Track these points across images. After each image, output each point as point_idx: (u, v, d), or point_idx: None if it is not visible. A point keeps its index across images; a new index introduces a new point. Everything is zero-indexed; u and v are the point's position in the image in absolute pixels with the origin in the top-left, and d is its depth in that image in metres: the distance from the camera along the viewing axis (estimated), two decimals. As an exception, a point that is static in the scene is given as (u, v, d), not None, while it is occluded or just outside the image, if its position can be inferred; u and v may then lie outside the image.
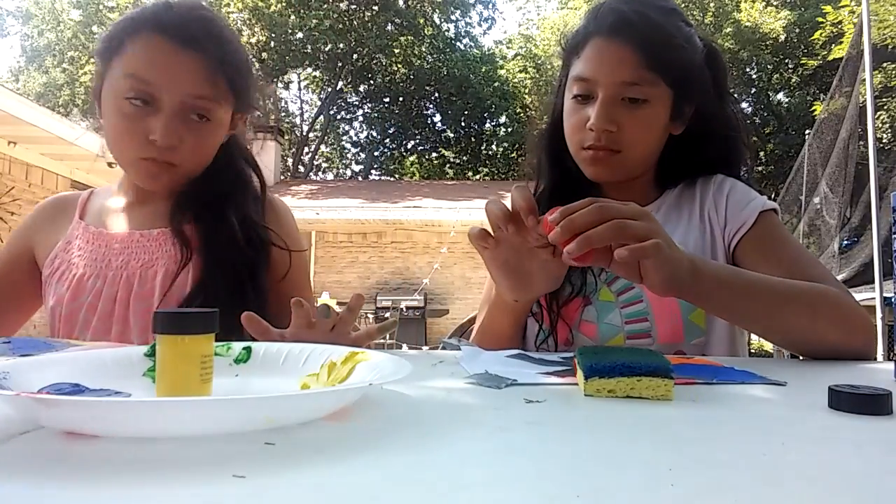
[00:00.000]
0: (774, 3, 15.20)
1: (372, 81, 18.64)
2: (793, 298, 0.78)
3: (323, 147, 20.57)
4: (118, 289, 0.98)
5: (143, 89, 0.93)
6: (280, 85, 19.09)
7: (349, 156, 21.59)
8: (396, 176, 19.70)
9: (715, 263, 0.82)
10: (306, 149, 19.74)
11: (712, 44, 1.04)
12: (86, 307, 0.98)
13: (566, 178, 1.03)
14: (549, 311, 0.97)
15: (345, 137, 21.10)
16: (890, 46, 8.96)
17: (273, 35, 16.32)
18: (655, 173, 1.06)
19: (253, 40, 16.72)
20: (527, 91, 18.70)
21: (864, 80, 5.34)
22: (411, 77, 18.49)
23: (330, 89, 18.74)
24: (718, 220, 0.98)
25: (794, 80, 15.66)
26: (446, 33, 19.25)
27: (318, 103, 19.62)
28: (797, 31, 14.65)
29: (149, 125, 0.93)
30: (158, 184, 0.99)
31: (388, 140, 20.33)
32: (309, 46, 16.68)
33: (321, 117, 19.47)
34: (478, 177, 19.38)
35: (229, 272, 0.96)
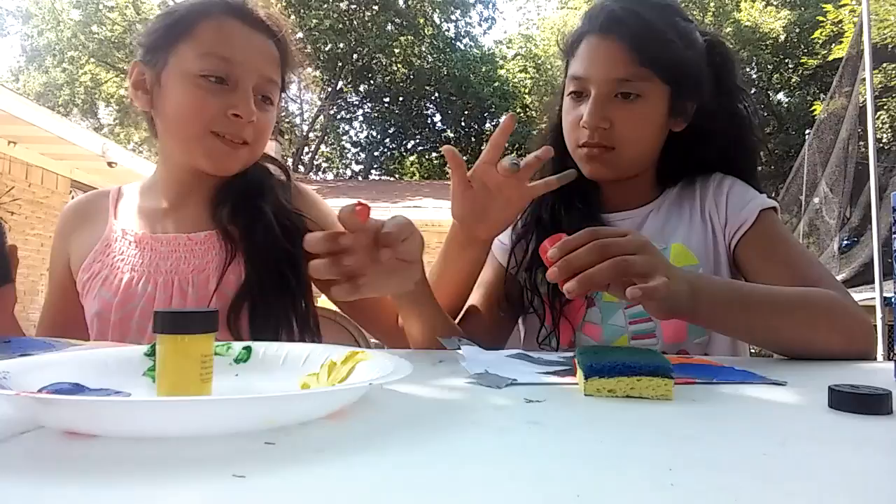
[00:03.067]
0: (774, 3, 15.19)
1: (372, 81, 18.64)
2: (792, 310, 0.78)
3: (323, 147, 20.57)
4: (172, 293, 0.95)
5: (221, 67, 0.92)
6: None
7: (349, 156, 21.59)
8: (396, 176, 19.71)
9: (713, 281, 0.81)
10: (306, 149, 19.73)
11: (718, 37, 1.03)
12: (139, 312, 0.95)
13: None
14: (552, 308, 0.97)
15: (345, 137, 21.10)
16: (890, 46, 8.96)
17: (273, 35, 16.30)
18: (656, 172, 1.05)
19: (253, 40, 16.69)
20: (527, 91, 18.70)
21: (864, 79, 5.34)
22: (411, 77, 18.49)
23: (330, 89, 18.74)
24: (719, 219, 0.98)
25: (794, 80, 15.65)
26: (446, 33, 19.25)
27: (318, 103, 19.62)
28: (797, 30, 14.65)
29: (227, 101, 0.92)
30: (228, 166, 0.97)
31: (388, 140, 20.32)
32: (309, 46, 16.66)
33: (321, 117, 19.47)
34: (478, 177, 19.34)
35: (271, 266, 0.95)
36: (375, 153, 20.49)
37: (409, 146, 20.45)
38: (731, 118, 1.01)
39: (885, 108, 10.94)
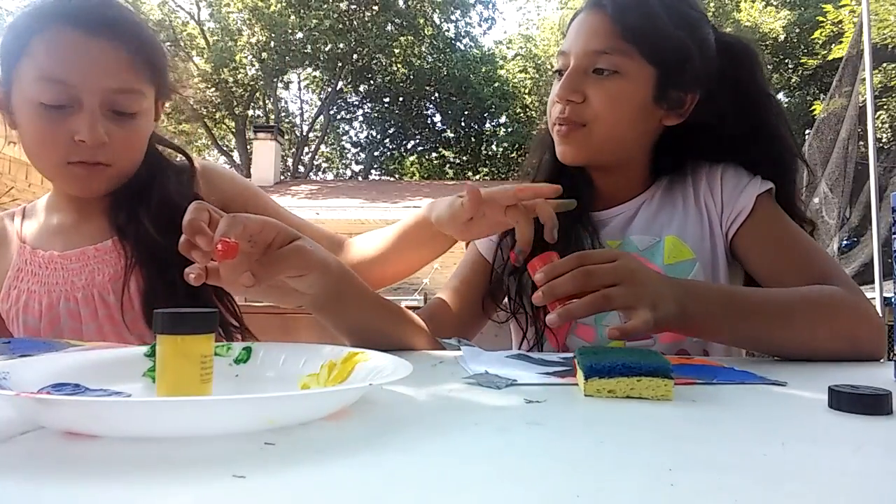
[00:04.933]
0: (774, 3, 15.20)
1: (372, 81, 18.66)
2: (790, 316, 0.75)
3: (323, 147, 20.59)
4: (95, 306, 0.93)
5: (57, 93, 0.85)
6: (280, 85, 19.11)
7: (349, 156, 21.61)
8: (396, 176, 19.74)
9: (708, 292, 0.77)
10: (306, 149, 19.74)
11: (743, 41, 0.98)
12: (67, 331, 0.93)
13: (562, 176, 0.98)
14: (535, 318, 0.95)
15: (345, 137, 21.13)
16: (890, 46, 8.95)
17: (273, 35, 16.33)
18: (651, 164, 1.00)
19: (253, 40, 16.72)
20: (527, 91, 18.72)
21: (864, 79, 5.34)
22: (411, 77, 18.51)
23: (330, 89, 18.75)
24: (715, 207, 0.94)
25: (794, 80, 15.67)
26: (446, 33, 19.26)
27: (318, 103, 19.64)
28: (797, 30, 14.67)
29: (71, 126, 0.86)
30: (92, 188, 0.93)
31: (387, 140, 20.34)
32: (309, 46, 16.68)
33: (321, 117, 19.48)
34: (478, 177, 19.40)
35: (161, 266, 0.90)
36: (375, 153, 20.50)
37: (409, 146, 20.47)
38: (747, 123, 0.95)
39: (885, 107, 10.95)
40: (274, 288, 0.66)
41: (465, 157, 20.08)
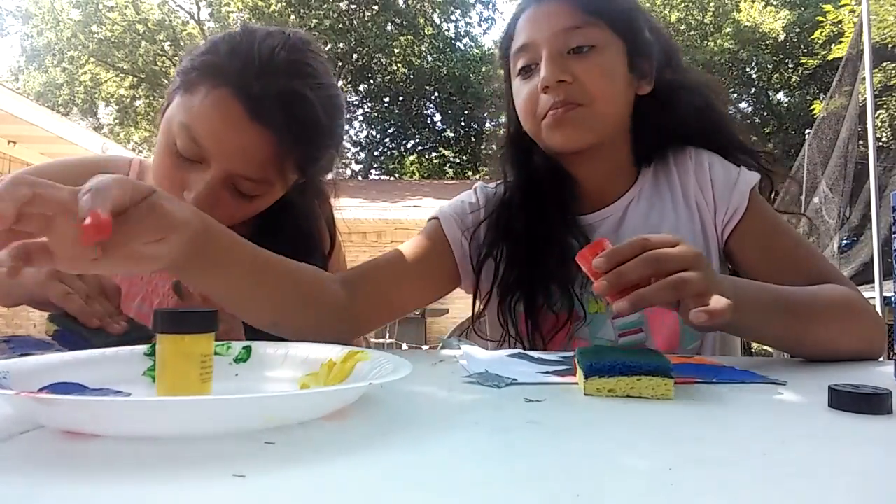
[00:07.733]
0: (774, 3, 15.19)
1: (372, 81, 18.65)
2: (826, 315, 0.74)
3: (323, 147, 20.56)
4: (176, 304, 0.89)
5: (193, 148, 0.80)
6: (280, 84, 19.07)
7: (349, 155, 21.57)
8: (396, 175, 19.72)
9: (753, 288, 0.72)
10: (306, 148, 19.71)
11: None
12: (148, 305, 0.97)
13: (533, 178, 0.96)
14: (532, 343, 0.90)
15: (345, 137, 21.11)
16: (890, 46, 8.96)
17: (273, 35, 16.31)
18: (631, 149, 0.96)
19: (253, 40, 16.69)
20: (527, 91, 18.69)
21: (864, 79, 5.34)
22: (411, 77, 18.50)
23: (330, 89, 18.71)
24: (707, 205, 0.91)
25: (793, 80, 15.65)
26: (446, 33, 19.25)
27: (318, 103, 19.59)
28: (797, 30, 14.65)
29: (189, 179, 0.81)
30: None
31: (387, 139, 20.33)
32: (309, 46, 16.65)
33: (321, 117, 19.45)
34: (478, 176, 19.40)
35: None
36: (375, 153, 20.49)
37: (409, 146, 20.46)
38: (689, 90, 0.93)
39: (885, 107, 10.95)
40: (126, 258, 0.53)
41: (464, 157, 20.07)
